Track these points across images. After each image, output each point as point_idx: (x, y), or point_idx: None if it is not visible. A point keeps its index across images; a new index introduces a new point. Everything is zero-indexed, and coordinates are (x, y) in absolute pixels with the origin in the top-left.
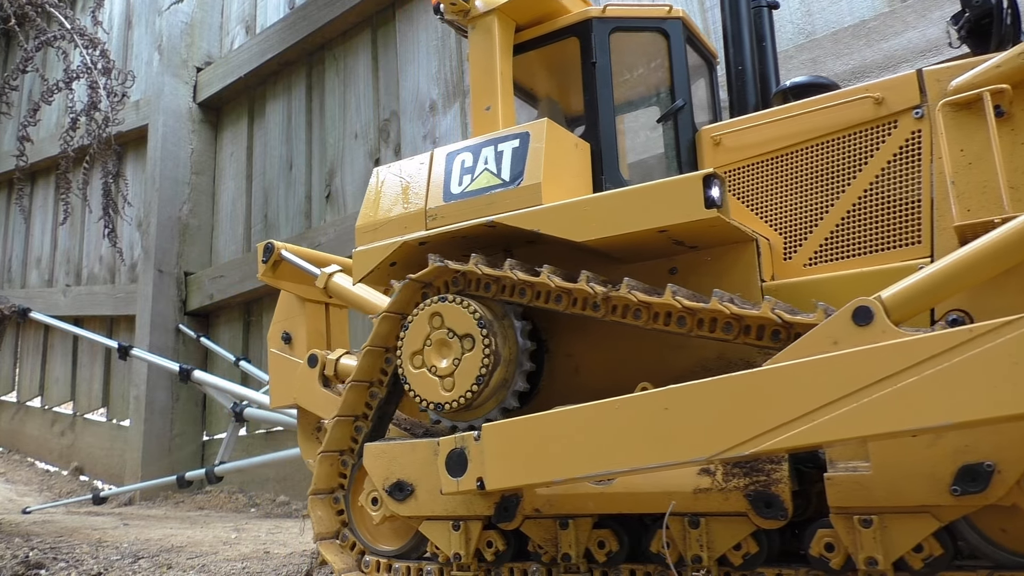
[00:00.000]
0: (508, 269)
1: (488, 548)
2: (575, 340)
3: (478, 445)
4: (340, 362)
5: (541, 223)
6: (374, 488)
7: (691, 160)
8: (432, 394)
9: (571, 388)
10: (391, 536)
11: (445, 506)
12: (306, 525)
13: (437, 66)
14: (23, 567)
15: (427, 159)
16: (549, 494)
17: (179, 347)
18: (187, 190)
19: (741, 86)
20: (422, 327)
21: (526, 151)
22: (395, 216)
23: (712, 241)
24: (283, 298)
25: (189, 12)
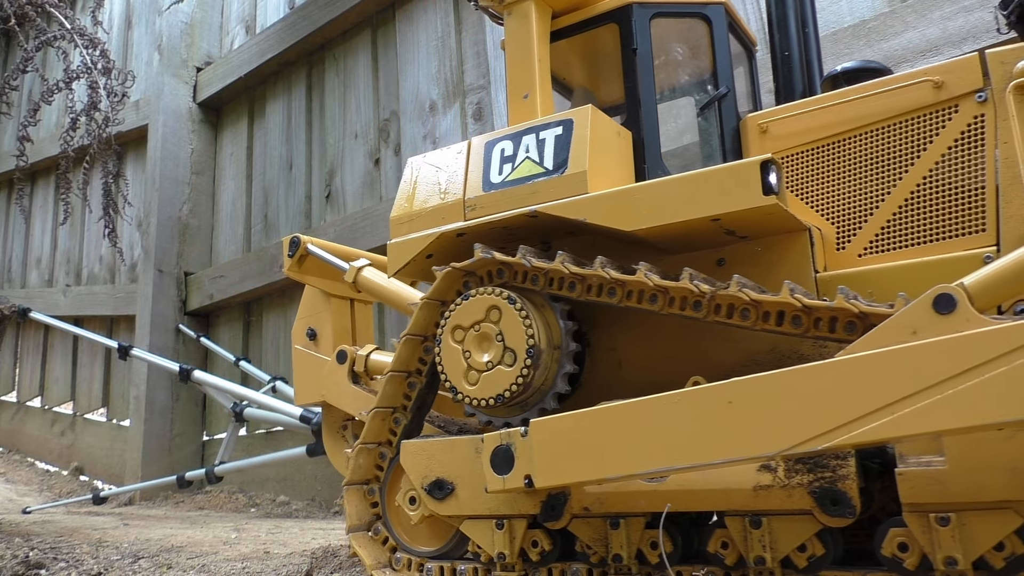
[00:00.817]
0: (559, 262)
1: (533, 548)
2: (618, 334)
3: (525, 441)
4: (370, 358)
5: (587, 212)
6: (412, 487)
7: (735, 148)
8: (456, 378)
9: (614, 383)
10: (430, 536)
11: (488, 505)
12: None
13: (437, 66)
14: (23, 567)
15: (464, 148)
16: (599, 492)
17: (179, 347)
18: (187, 190)
19: (788, 72)
20: (477, 310)
21: (570, 138)
22: (432, 207)
23: (765, 231)
24: (308, 294)
25: (189, 12)
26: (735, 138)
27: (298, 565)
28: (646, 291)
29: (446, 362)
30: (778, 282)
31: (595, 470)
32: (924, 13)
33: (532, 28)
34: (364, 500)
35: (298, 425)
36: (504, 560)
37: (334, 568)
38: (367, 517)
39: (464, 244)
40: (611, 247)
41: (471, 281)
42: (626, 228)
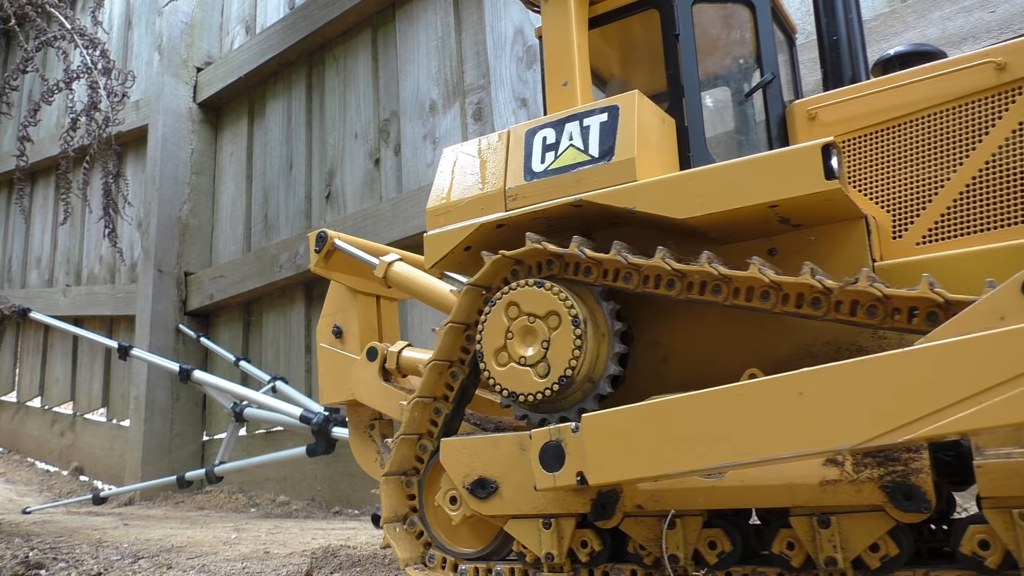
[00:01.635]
0: (615, 253)
1: (583, 548)
2: (662, 327)
3: (576, 437)
4: (403, 355)
5: (637, 200)
6: (452, 486)
7: (781, 136)
8: (524, 385)
9: (658, 378)
10: (471, 537)
11: (534, 503)
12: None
13: (437, 66)
14: (23, 567)
15: (503, 137)
16: (653, 489)
17: (179, 347)
18: (187, 190)
19: (836, 58)
20: (499, 321)
21: (616, 125)
22: (470, 198)
23: (821, 218)
24: (333, 290)
25: (189, 12)
26: (781, 125)
27: (298, 565)
28: (709, 281)
29: (487, 335)
30: (833, 271)
31: (653, 466)
32: (924, 13)
33: (571, 15)
34: (402, 491)
35: (298, 425)
36: (552, 560)
37: (334, 568)
38: (403, 509)
39: (504, 235)
40: (653, 238)
41: (519, 270)
42: (678, 216)
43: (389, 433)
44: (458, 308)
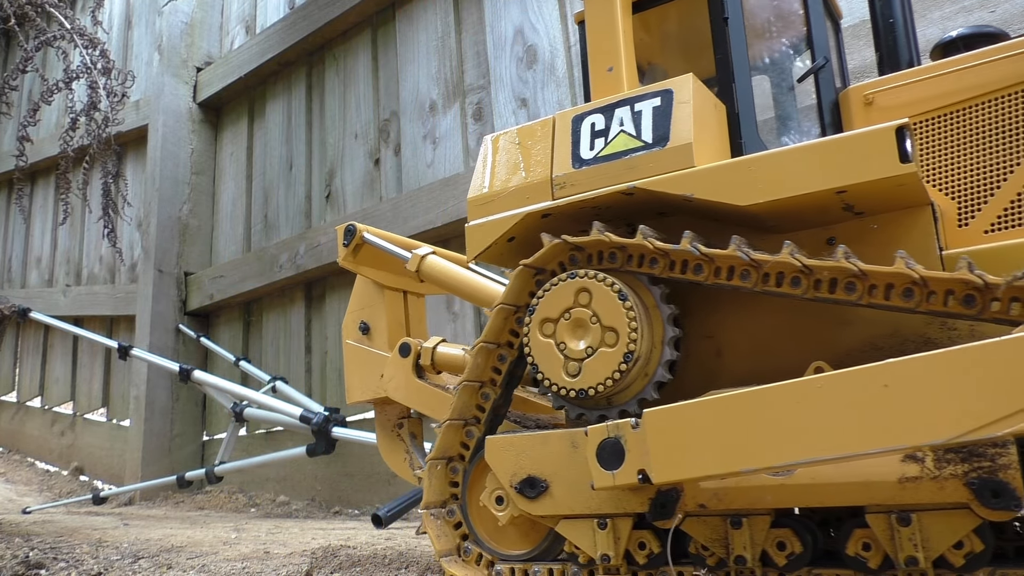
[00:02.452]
0: (686, 243)
1: (640, 550)
2: (716, 319)
3: (637, 433)
4: (437, 350)
5: (696, 187)
6: (498, 485)
7: (835, 122)
8: (553, 372)
9: (711, 373)
10: (518, 538)
11: (588, 503)
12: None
13: (437, 66)
14: (23, 567)
15: (548, 123)
16: (717, 487)
17: (179, 347)
18: (187, 190)
19: (892, 41)
20: (564, 298)
21: (670, 109)
22: (514, 186)
23: (888, 205)
24: (360, 286)
25: (189, 12)
26: (834, 111)
27: (298, 565)
28: (788, 272)
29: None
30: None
31: (722, 463)
32: (924, 13)
33: None
34: (445, 478)
35: (298, 425)
36: (608, 562)
37: (334, 568)
38: (444, 496)
39: (549, 225)
40: (703, 227)
41: (578, 257)
42: (741, 203)
43: (418, 432)
44: (509, 289)
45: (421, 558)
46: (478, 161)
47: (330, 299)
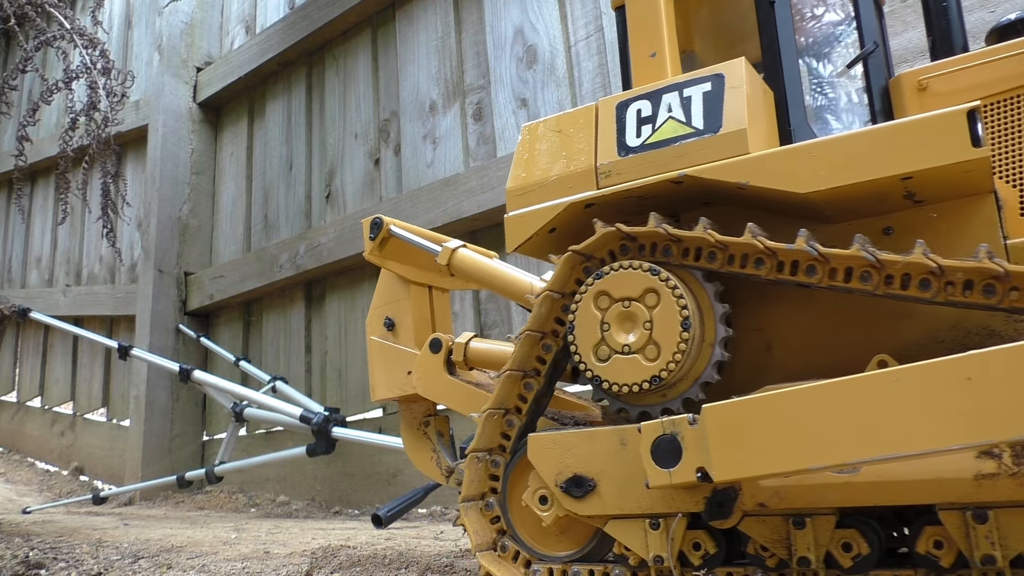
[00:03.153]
0: (748, 237)
1: (695, 551)
2: (765, 312)
3: (695, 430)
4: (470, 346)
5: (751, 174)
6: (541, 485)
7: (885, 109)
8: (632, 374)
9: (761, 368)
10: (562, 538)
11: (639, 502)
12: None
13: (437, 66)
14: (23, 567)
15: (591, 110)
16: (777, 485)
17: (179, 347)
18: (187, 190)
19: (945, 25)
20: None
21: (722, 95)
22: (556, 175)
23: (951, 192)
24: (385, 281)
25: (189, 12)
26: (884, 98)
27: (298, 565)
28: (857, 267)
29: (579, 327)
30: (958, 250)
31: (789, 461)
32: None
33: None
34: (485, 471)
35: (298, 425)
36: (661, 564)
37: (334, 568)
38: (483, 488)
39: (592, 216)
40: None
41: (630, 246)
42: (799, 191)
43: (445, 430)
44: (556, 276)
45: (421, 558)
46: (516, 150)
47: (330, 299)
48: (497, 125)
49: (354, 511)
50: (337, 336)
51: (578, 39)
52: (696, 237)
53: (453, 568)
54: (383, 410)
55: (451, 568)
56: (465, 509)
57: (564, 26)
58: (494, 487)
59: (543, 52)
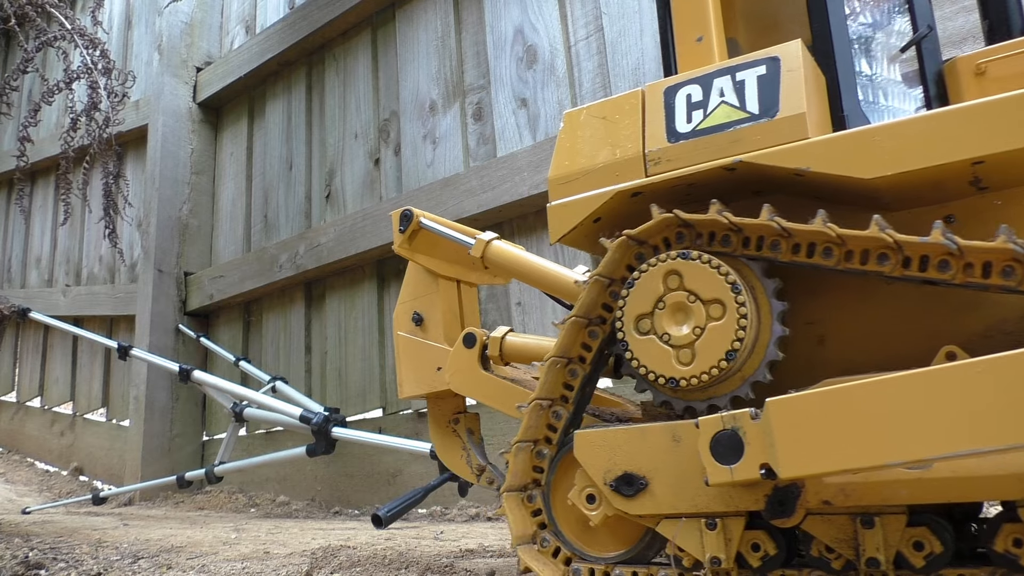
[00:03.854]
0: (820, 223)
1: (754, 552)
2: (818, 305)
3: (758, 425)
4: (507, 340)
5: (811, 159)
6: (588, 483)
7: (940, 94)
8: (663, 366)
9: (813, 363)
10: (610, 538)
11: (694, 501)
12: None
13: (437, 66)
14: (23, 567)
15: (636, 96)
16: (843, 482)
17: (179, 347)
18: (187, 190)
19: (1002, 8)
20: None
21: (778, 78)
22: (601, 163)
23: (1019, 178)
24: (413, 274)
25: (189, 12)
26: (939, 83)
27: (298, 565)
28: (934, 256)
29: (634, 294)
30: None
31: (862, 457)
32: None
33: None
34: (529, 461)
35: (298, 425)
36: (718, 565)
37: (334, 568)
38: (527, 480)
39: (639, 205)
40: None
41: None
42: (864, 176)
43: (475, 427)
44: (606, 260)
45: (421, 558)
46: (558, 137)
47: (330, 299)
48: (497, 125)
49: (354, 511)
50: (337, 336)
51: (578, 39)
52: (761, 225)
53: (453, 568)
54: (383, 410)
55: (451, 568)
56: (507, 499)
57: (564, 26)
58: (537, 479)
59: (543, 52)
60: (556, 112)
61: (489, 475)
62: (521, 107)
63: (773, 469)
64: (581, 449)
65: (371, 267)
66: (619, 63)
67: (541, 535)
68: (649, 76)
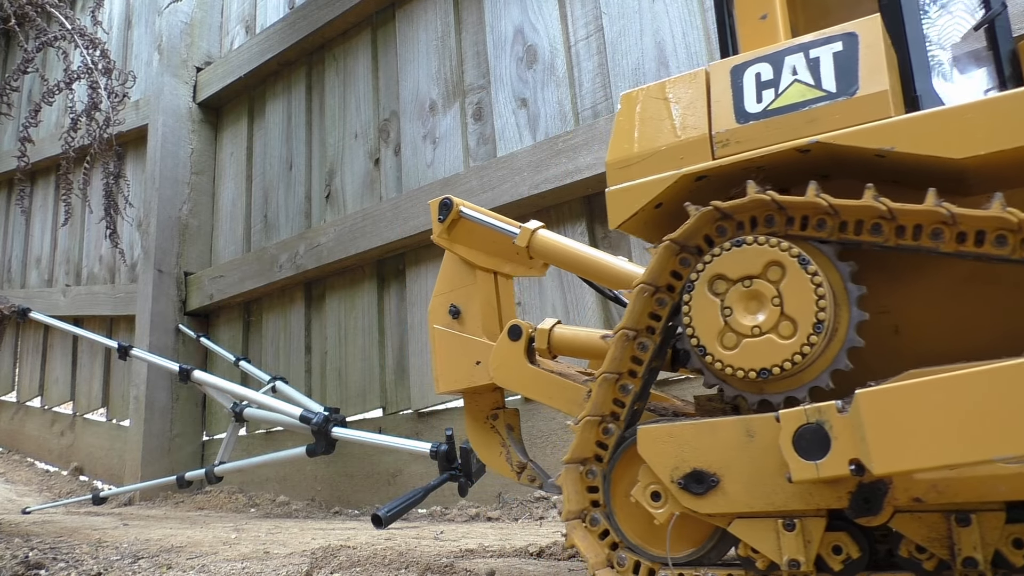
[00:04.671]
0: (930, 203)
1: (835, 554)
2: (893, 293)
3: (846, 418)
4: (555, 332)
5: (897, 138)
6: (652, 480)
7: (1015, 75)
8: (768, 356)
9: (889, 354)
10: (676, 538)
11: (771, 499)
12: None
13: (437, 66)
14: (23, 567)
15: (700, 76)
16: (935, 478)
17: (179, 347)
18: (187, 190)
19: None
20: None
21: (856, 54)
22: (664, 146)
23: None
24: (449, 266)
25: (189, 12)
26: (1013, 63)
27: (298, 565)
28: None
29: (698, 318)
30: None
31: (966, 451)
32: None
33: None
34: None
35: (298, 425)
36: (797, 568)
37: (334, 568)
38: (584, 504)
39: (703, 189)
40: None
41: (775, 216)
42: (955, 156)
43: (515, 423)
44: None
45: (421, 558)
46: (616, 120)
47: (330, 299)
48: (497, 125)
49: (354, 511)
50: (337, 336)
51: (578, 39)
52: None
53: (453, 568)
54: (383, 410)
55: (451, 568)
56: (571, 528)
57: (564, 26)
58: (595, 500)
59: (543, 52)
60: (556, 112)
61: (530, 472)
62: (521, 107)
63: (864, 465)
64: (645, 445)
65: (371, 267)
66: (619, 63)
67: (616, 556)
68: (649, 76)
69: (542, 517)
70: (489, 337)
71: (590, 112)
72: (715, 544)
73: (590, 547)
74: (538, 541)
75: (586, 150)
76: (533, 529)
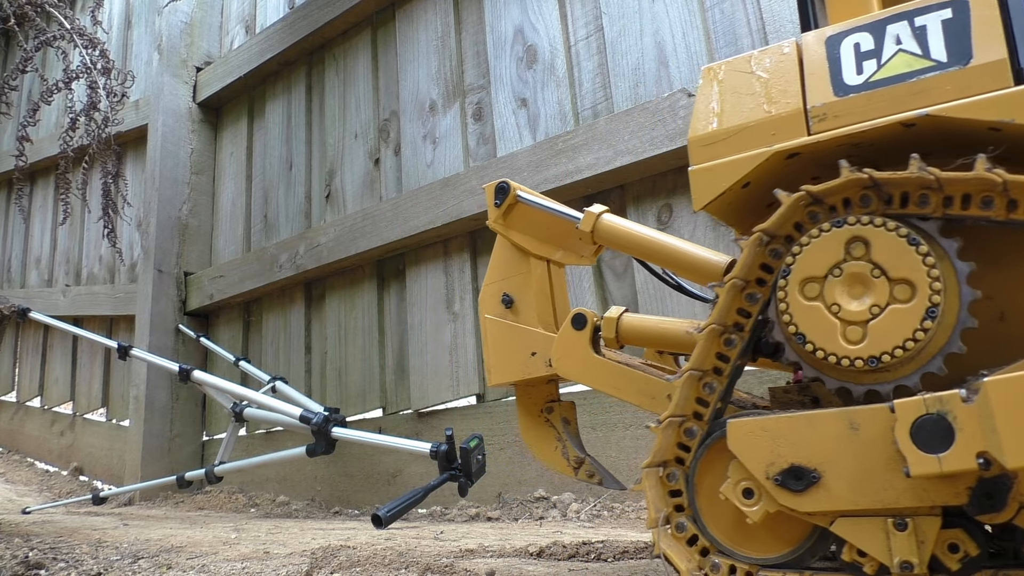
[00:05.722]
0: None
1: (951, 553)
2: (999, 277)
3: (971, 408)
4: (623, 321)
5: (1016, 111)
6: (744, 476)
7: None
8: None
9: (997, 342)
10: (768, 537)
11: (879, 496)
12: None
13: (437, 66)
14: (23, 567)
15: (791, 47)
16: None
17: (179, 347)
18: (187, 190)
19: None
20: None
21: (968, 22)
22: (753, 121)
23: None
24: (502, 253)
25: (189, 12)
26: None
27: (298, 565)
28: None
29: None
30: None
31: None
32: None
33: None
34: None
35: (298, 425)
36: (910, 571)
37: (334, 568)
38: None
39: (794, 167)
40: None
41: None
42: None
43: (571, 417)
44: (741, 260)
45: (421, 558)
46: (698, 95)
47: (330, 299)
48: (497, 125)
49: (354, 511)
50: (337, 336)
51: (578, 39)
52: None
53: (453, 568)
54: (383, 410)
55: (451, 568)
56: (657, 535)
57: (564, 26)
58: (679, 504)
59: (543, 52)
60: (556, 112)
61: (588, 468)
62: (521, 107)
63: (995, 459)
64: (736, 440)
65: (371, 267)
66: (619, 63)
67: (708, 562)
68: (649, 76)
69: (542, 517)
70: (544, 327)
71: (590, 112)
72: (812, 544)
73: (679, 554)
74: (538, 541)
75: (586, 150)
76: (533, 529)
